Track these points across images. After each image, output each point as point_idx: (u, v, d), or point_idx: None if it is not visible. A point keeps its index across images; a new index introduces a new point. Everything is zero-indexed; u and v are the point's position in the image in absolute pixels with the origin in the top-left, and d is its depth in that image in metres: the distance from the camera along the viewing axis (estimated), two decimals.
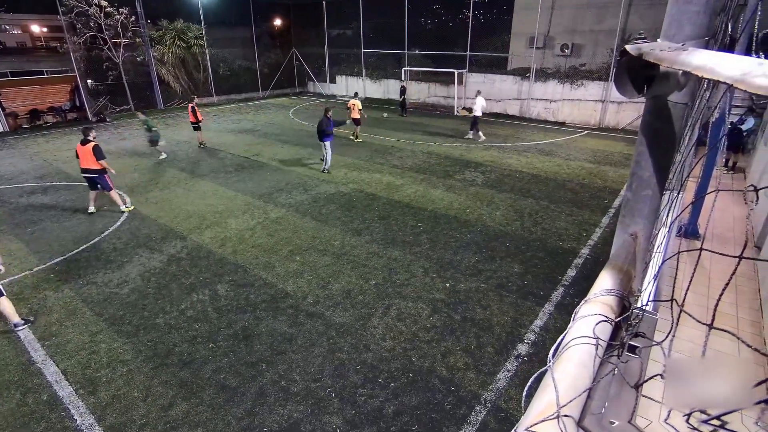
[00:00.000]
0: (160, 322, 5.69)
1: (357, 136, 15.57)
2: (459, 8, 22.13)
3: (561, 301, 6.09)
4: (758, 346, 5.22)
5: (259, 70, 27.35)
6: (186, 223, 8.71)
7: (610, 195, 10.19)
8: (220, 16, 24.97)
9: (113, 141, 15.97)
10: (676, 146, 1.60)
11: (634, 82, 1.31)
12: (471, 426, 4.13)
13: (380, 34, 25.18)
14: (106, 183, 9.01)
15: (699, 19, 1.35)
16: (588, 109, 18.52)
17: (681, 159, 1.89)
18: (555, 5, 18.68)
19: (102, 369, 4.89)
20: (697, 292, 6.10)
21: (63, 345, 5.29)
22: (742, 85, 0.68)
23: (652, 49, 1.11)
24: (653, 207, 1.63)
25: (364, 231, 8.24)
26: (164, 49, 22.65)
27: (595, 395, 1.07)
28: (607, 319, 1.17)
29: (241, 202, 9.84)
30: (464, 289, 6.33)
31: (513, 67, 20.67)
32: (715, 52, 0.94)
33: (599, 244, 7.76)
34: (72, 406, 4.42)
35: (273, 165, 12.72)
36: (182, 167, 12.55)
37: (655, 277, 1.75)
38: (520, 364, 4.93)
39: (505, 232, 8.15)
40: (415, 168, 12.33)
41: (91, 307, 6.01)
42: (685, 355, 4.80)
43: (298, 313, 5.81)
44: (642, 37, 1.30)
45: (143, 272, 6.88)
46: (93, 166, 8.76)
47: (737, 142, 11.85)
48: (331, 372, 4.79)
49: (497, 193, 10.29)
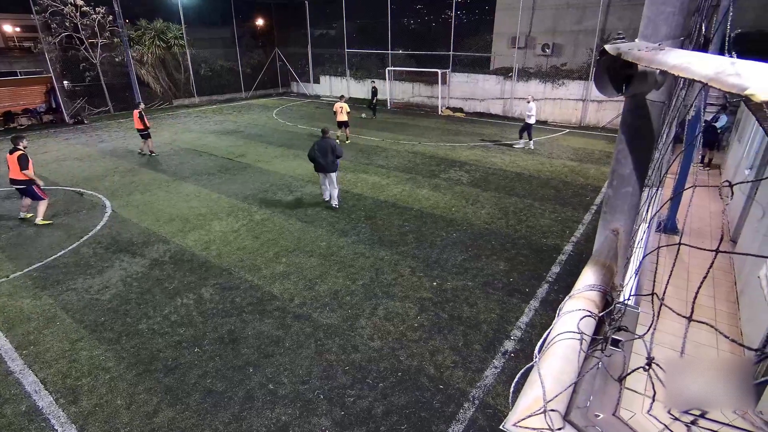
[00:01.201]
0: (143, 327, 5.57)
1: (347, 138, 15.15)
2: (441, 8, 22.25)
3: (546, 297, 6.18)
4: (735, 337, 5.38)
5: (242, 70, 27.04)
6: (168, 226, 8.55)
7: (592, 192, 10.38)
8: (201, 15, 24.62)
9: (92, 143, 15.59)
10: (655, 143, 1.64)
11: (613, 81, 1.34)
12: (460, 423, 4.16)
13: (364, 34, 25.16)
14: (35, 194, 8.56)
15: (674, 19, 1.38)
16: (569, 108, 18.83)
17: (659, 156, 1.94)
18: (536, 5, 18.94)
19: (83, 377, 4.77)
20: (676, 286, 6.26)
21: (42, 354, 5.14)
22: (715, 84, 0.70)
23: (630, 48, 1.14)
24: (633, 203, 1.67)
25: (351, 231, 8.22)
26: (143, 49, 22.21)
27: (580, 389, 1.09)
28: (591, 314, 1.19)
29: (225, 204, 9.71)
30: (451, 288, 6.37)
31: (496, 66, 20.88)
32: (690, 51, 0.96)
33: (582, 240, 7.90)
34: (52, 416, 4.30)
35: (257, 166, 12.59)
36: (163, 169, 12.32)
37: (636, 272, 1.79)
38: (507, 360, 4.98)
39: (491, 230, 8.23)
40: (400, 168, 12.35)
41: (70, 314, 5.85)
42: (678, 355, 4.92)
43: (285, 315, 5.76)
44: (620, 37, 1.33)
45: (125, 277, 6.74)
46: (19, 177, 8.31)
47: (712, 140, 12.19)
48: (320, 374, 4.77)
49: (482, 191, 10.38)
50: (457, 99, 22.03)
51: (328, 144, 8.48)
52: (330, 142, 8.52)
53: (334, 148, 8.49)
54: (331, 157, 8.46)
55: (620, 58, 1.14)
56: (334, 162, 8.58)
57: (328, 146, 8.45)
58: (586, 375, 1.11)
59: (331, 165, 8.54)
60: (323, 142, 8.49)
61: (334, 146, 8.49)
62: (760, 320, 4.94)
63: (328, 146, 8.45)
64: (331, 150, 8.44)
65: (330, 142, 8.53)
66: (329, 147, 8.45)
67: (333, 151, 8.46)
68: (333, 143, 8.55)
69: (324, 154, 8.44)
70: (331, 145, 8.49)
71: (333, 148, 8.46)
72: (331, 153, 8.44)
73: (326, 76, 27.58)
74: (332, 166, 8.57)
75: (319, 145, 8.45)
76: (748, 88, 0.62)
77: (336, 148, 8.50)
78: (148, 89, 22.81)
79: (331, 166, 8.56)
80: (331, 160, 8.49)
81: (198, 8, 24.36)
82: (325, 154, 8.44)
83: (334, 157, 8.49)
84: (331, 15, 26.07)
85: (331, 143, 8.51)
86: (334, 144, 8.56)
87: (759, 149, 7.95)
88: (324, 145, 8.46)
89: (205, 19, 24.86)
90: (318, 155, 8.45)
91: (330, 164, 8.52)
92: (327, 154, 8.43)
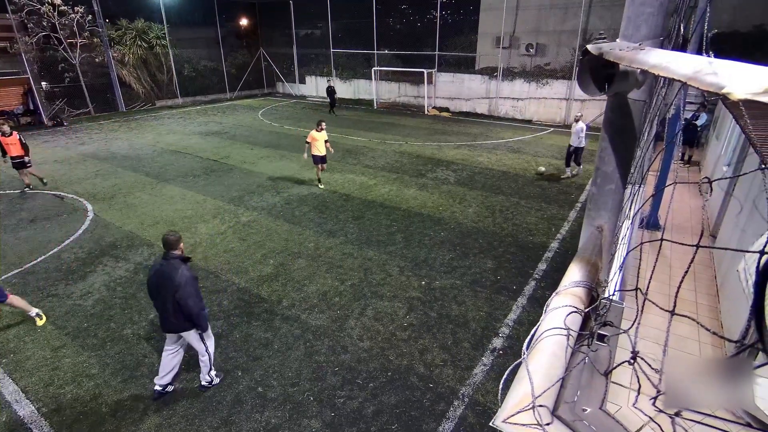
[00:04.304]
0: (128, 333, 5.47)
1: (319, 180, 10.76)
2: (426, 8, 22.33)
3: (533, 294, 6.25)
4: (716, 329, 5.52)
5: (226, 70, 26.74)
6: (153, 229, 8.41)
7: (577, 190, 10.53)
8: (184, 15, 24.26)
9: (72, 146, 15.24)
10: (637, 142, 1.67)
11: (595, 81, 1.36)
12: (450, 421, 4.18)
13: (349, 34, 25.10)
14: None
15: (654, 20, 1.41)
16: (553, 107, 19.08)
17: (641, 154, 1.98)
18: (519, 6, 19.14)
19: (66, 385, 4.66)
20: (659, 281, 6.40)
21: (22, 362, 5.00)
22: (694, 83, 0.71)
23: (611, 48, 1.16)
24: (617, 200, 1.70)
25: (339, 232, 8.20)
26: (124, 49, 21.79)
27: (567, 384, 1.11)
28: (577, 309, 1.20)
29: (210, 206, 9.59)
30: (439, 287, 6.40)
31: (481, 66, 21.04)
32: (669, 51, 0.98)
33: (567, 237, 8.01)
34: (35, 425, 4.19)
35: (243, 167, 12.46)
36: (147, 171, 12.11)
37: (620, 268, 1.83)
38: (495, 357, 5.02)
39: (478, 229, 8.29)
40: (387, 167, 12.35)
41: (52, 321, 5.71)
42: (662, 348, 5.02)
43: (274, 318, 5.72)
44: (602, 37, 1.35)
45: (108, 282, 6.61)
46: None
47: (692, 137, 12.48)
48: (309, 375, 4.74)
49: (469, 190, 10.45)
50: (443, 99, 22.14)
51: (171, 272, 4.00)
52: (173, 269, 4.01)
53: (180, 286, 3.95)
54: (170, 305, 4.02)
55: (602, 57, 1.16)
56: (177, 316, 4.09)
57: (168, 278, 3.99)
58: (574, 370, 1.13)
59: (173, 320, 4.12)
60: (164, 266, 4.07)
61: (179, 281, 3.96)
62: (739, 312, 5.08)
63: (170, 279, 3.98)
64: (171, 287, 3.97)
65: (174, 268, 4.01)
66: (171, 281, 3.97)
67: (176, 290, 3.95)
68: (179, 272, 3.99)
69: (162, 292, 4.06)
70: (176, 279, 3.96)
71: (177, 286, 3.95)
72: (171, 294, 3.97)
73: (312, 76, 27.45)
74: (175, 324, 4.15)
75: (156, 272, 4.10)
76: (725, 86, 0.64)
77: (182, 285, 3.96)
78: (130, 90, 22.39)
79: (173, 323, 4.14)
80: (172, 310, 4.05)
81: (180, 8, 24.00)
82: (164, 296, 4.05)
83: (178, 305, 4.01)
84: (316, 15, 25.94)
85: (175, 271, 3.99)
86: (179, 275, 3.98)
87: (736, 146, 8.17)
88: (164, 272, 4.03)
89: (187, 18, 24.50)
90: (155, 292, 4.15)
91: (172, 318, 4.11)
92: (167, 295, 4.01)
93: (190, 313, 4.06)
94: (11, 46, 18.50)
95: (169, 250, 4.13)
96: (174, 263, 4.05)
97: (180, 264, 4.06)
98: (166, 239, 4.13)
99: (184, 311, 4.05)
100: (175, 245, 4.14)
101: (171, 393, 4.52)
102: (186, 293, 3.98)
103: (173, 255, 4.11)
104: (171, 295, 3.99)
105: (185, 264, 4.13)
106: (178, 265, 4.04)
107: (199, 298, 4.13)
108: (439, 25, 21.41)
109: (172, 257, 4.09)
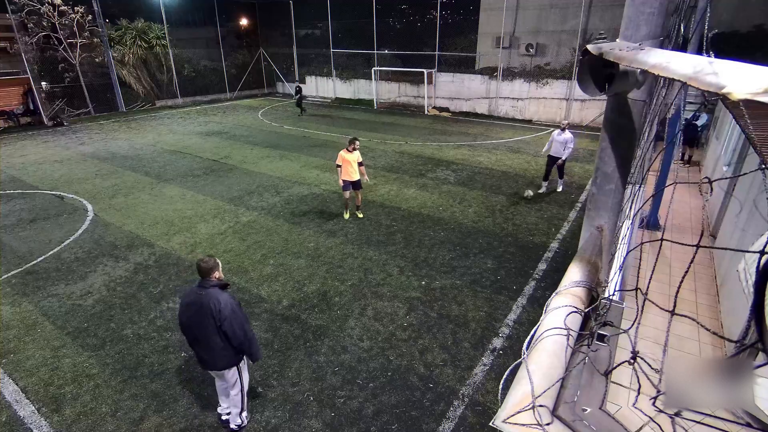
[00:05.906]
0: (128, 333, 5.47)
1: (359, 209, 8.97)
2: (426, 8, 22.32)
3: (533, 294, 6.25)
4: (716, 329, 5.52)
5: (226, 70, 26.73)
6: (153, 229, 8.41)
7: (577, 190, 10.53)
8: (183, 15, 24.26)
9: (72, 146, 15.24)
10: (637, 142, 1.67)
11: (595, 81, 1.36)
12: (450, 421, 4.18)
13: (349, 34, 25.09)
14: None
15: (654, 20, 1.41)
16: (553, 107, 19.07)
17: (641, 153, 1.98)
18: (519, 6, 19.13)
19: (66, 385, 4.66)
20: (659, 281, 6.39)
21: (22, 362, 5.01)
22: (694, 83, 0.71)
23: (611, 48, 1.16)
24: (617, 200, 1.70)
25: (339, 232, 8.20)
26: (125, 49, 21.79)
27: (568, 384, 1.11)
28: (577, 309, 1.20)
29: (210, 206, 9.59)
30: (439, 287, 6.40)
31: (481, 66, 21.03)
32: (669, 51, 0.98)
33: (567, 237, 8.01)
34: (34, 426, 4.19)
35: (243, 168, 12.46)
36: (147, 171, 12.11)
37: (620, 268, 1.83)
38: (495, 357, 5.02)
39: (478, 229, 8.29)
40: (387, 167, 12.35)
41: (52, 321, 5.71)
42: (662, 348, 5.02)
43: (274, 318, 5.72)
44: (602, 37, 1.35)
45: (108, 282, 6.61)
46: None
47: (692, 137, 12.48)
48: (309, 375, 4.74)
49: (469, 190, 10.45)
50: (443, 99, 22.14)
51: (211, 302, 3.59)
52: (213, 299, 3.59)
53: (225, 317, 3.59)
54: (214, 339, 3.67)
55: (602, 57, 1.16)
56: (226, 350, 3.74)
57: (208, 309, 3.58)
58: (574, 370, 1.13)
59: (219, 356, 3.75)
60: (202, 296, 3.63)
61: (223, 311, 3.58)
62: (739, 312, 5.08)
63: (211, 309, 3.58)
64: (211, 317, 3.59)
65: (214, 298, 3.59)
66: (213, 312, 3.58)
67: (216, 320, 3.59)
68: (222, 301, 3.60)
69: (201, 327, 3.65)
70: (219, 309, 3.57)
71: (222, 317, 3.58)
72: (214, 327, 3.62)
73: (312, 76, 27.43)
74: (222, 359, 3.77)
75: (192, 303, 3.68)
76: (725, 86, 0.64)
77: (227, 315, 3.59)
78: (130, 90, 22.39)
79: (220, 359, 3.77)
80: (217, 346, 3.70)
81: (180, 8, 23.99)
82: (204, 330, 3.65)
83: (221, 337, 3.67)
84: (316, 15, 25.93)
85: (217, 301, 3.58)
86: (223, 304, 3.59)
87: (736, 146, 8.16)
88: (203, 303, 3.61)
89: (187, 18, 24.50)
90: (191, 327, 3.73)
91: (217, 355, 3.74)
92: (207, 329, 3.63)
93: (242, 342, 3.68)
94: (11, 47, 18.51)
95: (205, 277, 3.69)
96: (212, 292, 3.61)
97: (219, 293, 3.63)
98: (201, 266, 3.67)
99: (234, 342, 3.66)
100: (211, 272, 3.69)
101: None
102: (236, 321, 3.62)
103: (211, 283, 3.66)
104: (216, 327, 3.59)
105: (225, 291, 3.71)
106: (218, 294, 3.61)
107: (248, 323, 3.79)
108: (439, 25, 21.40)
109: (210, 285, 3.65)
